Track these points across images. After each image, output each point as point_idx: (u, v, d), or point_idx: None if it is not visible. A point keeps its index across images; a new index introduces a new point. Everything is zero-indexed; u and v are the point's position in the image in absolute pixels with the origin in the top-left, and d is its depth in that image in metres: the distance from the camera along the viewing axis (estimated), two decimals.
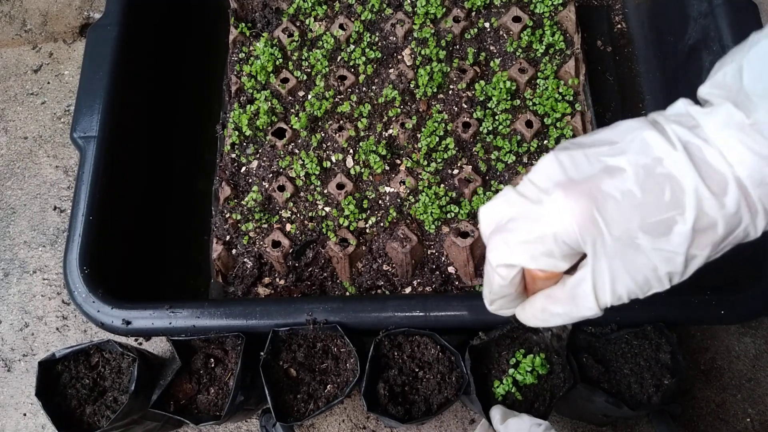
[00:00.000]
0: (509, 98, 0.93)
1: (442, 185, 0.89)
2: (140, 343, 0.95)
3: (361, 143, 0.92)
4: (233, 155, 0.93)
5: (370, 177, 0.91)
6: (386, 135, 0.93)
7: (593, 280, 0.39)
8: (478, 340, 0.73)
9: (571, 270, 0.42)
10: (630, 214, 0.37)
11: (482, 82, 0.95)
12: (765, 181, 0.37)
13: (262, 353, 0.74)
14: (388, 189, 0.90)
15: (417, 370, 0.74)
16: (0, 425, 0.95)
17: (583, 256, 0.40)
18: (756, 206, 0.38)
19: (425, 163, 0.91)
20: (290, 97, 0.97)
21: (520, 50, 0.97)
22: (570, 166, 0.40)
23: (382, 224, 0.88)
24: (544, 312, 0.44)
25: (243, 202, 0.91)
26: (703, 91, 0.41)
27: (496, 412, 0.67)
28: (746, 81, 0.38)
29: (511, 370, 0.72)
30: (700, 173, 0.37)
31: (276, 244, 0.88)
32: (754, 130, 0.36)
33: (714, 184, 0.37)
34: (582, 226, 0.37)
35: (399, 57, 0.97)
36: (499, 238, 0.42)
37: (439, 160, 0.91)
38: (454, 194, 0.89)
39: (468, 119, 0.92)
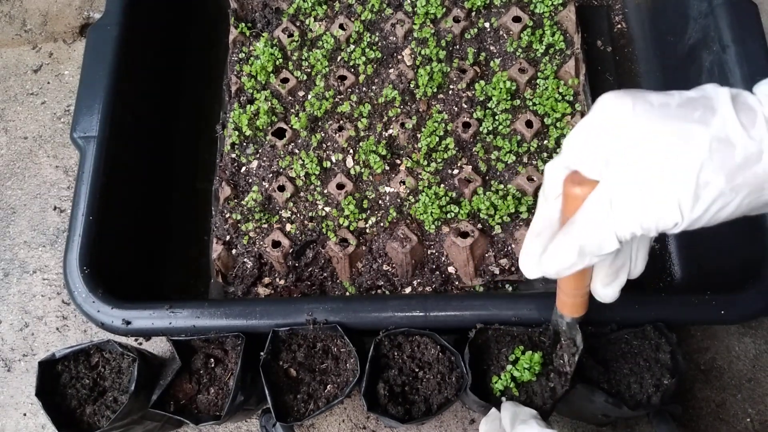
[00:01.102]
0: (509, 98, 0.93)
1: (442, 185, 0.89)
2: (140, 343, 0.95)
3: (361, 143, 0.92)
4: (233, 155, 0.93)
5: (370, 177, 0.91)
6: (386, 135, 0.93)
7: (610, 184, 0.42)
8: (474, 332, 0.73)
9: None
10: (658, 117, 0.41)
11: (482, 82, 0.95)
12: None
13: (262, 353, 0.74)
14: (388, 189, 0.90)
15: (417, 370, 0.74)
16: (0, 425, 0.95)
17: None
18: None
19: (425, 163, 0.91)
20: (290, 97, 0.97)
21: (520, 50, 0.97)
22: (631, 88, 0.44)
23: (382, 224, 0.88)
24: (565, 238, 0.46)
25: (243, 202, 0.91)
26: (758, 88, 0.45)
27: (506, 412, 0.66)
28: None
29: (509, 367, 0.72)
30: (735, 106, 0.40)
31: (276, 244, 0.88)
32: None
33: (745, 117, 0.40)
34: (616, 116, 0.42)
35: (399, 57, 0.97)
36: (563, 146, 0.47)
37: (439, 160, 0.91)
38: (454, 194, 0.89)
39: (468, 119, 0.92)
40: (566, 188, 0.47)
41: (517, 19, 0.97)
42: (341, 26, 0.99)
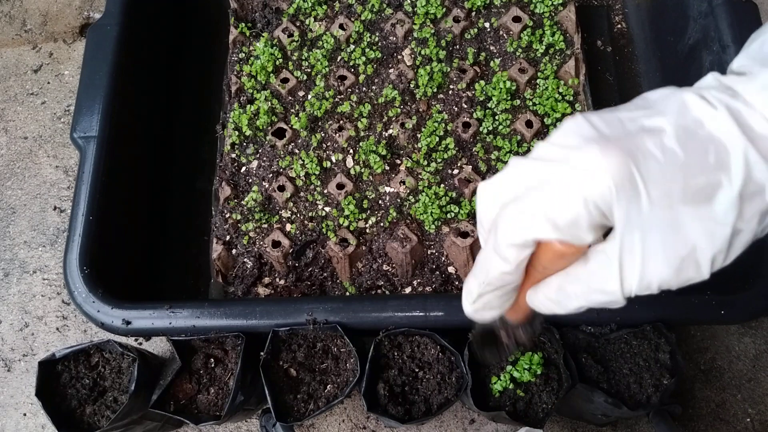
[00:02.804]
0: (509, 98, 0.93)
1: (442, 185, 0.89)
2: (140, 343, 0.95)
3: (361, 143, 0.92)
4: (233, 155, 0.93)
5: (370, 177, 0.91)
6: (386, 135, 0.93)
7: (620, 256, 0.34)
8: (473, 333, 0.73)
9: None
10: (672, 175, 0.33)
11: (482, 82, 0.95)
12: None
13: (262, 353, 0.74)
14: (388, 189, 0.90)
15: (417, 370, 0.75)
16: (0, 425, 0.95)
17: (608, 233, 0.35)
18: None
19: (425, 163, 0.91)
20: (290, 97, 0.97)
21: (520, 50, 0.97)
22: (603, 125, 0.35)
23: (382, 224, 0.88)
24: (559, 292, 0.38)
25: (243, 202, 0.91)
26: (736, 63, 0.39)
27: None
28: None
29: (509, 367, 0.72)
30: (745, 133, 0.34)
31: (276, 244, 0.88)
32: None
33: (761, 147, 0.34)
34: (619, 185, 0.32)
35: (399, 57, 0.97)
36: (510, 211, 0.36)
37: (439, 160, 0.91)
38: (454, 194, 0.89)
39: (468, 119, 0.92)
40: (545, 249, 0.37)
41: (517, 19, 0.97)
42: (341, 26, 0.99)
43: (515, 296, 0.41)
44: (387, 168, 0.91)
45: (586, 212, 0.33)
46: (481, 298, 0.40)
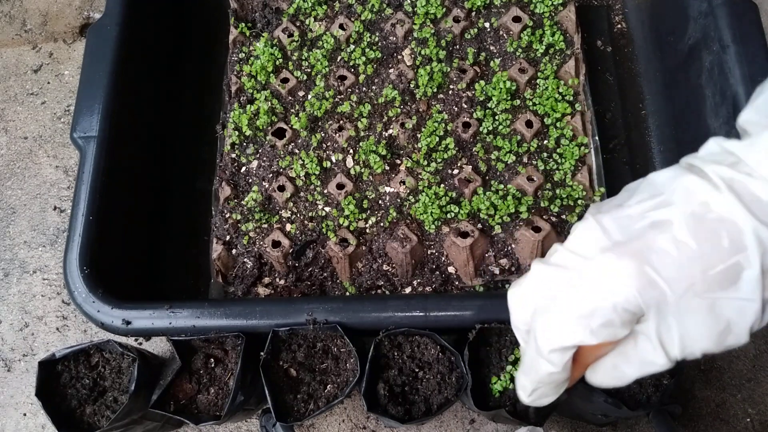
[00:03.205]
0: (509, 98, 0.93)
1: (442, 185, 0.89)
2: (140, 343, 0.95)
3: (361, 143, 0.92)
4: (233, 155, 0.93)
5: (370, 177, 0.91)
6: (386, 135, 0.93)
7: (659, 338, 0.37)
8: (474, 334, 0.73)
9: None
10: (690, 268, 0.35)
11: (482, 82, 0.95)
12: None
13: (262, 353, 0.74)
14: (388, 189, 0.90)
15: (417, 370, 0.75)
16: (0, 425, 0.95)
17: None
18: None
19: (425, 163, 0.91)
20: (290, 97, 0.97)
21: (520, 50, 0.97)
22: (614, 228, 0.37)
23: (382, 224, 0.88)
24: (615, 370, 0.42)
25: (243, 202, 0.91)
26: (741, 118, 0.40)
27: None
28: None
29: (509, 367, 0.72)
30: (752, 210, 0.34)
31: (276, 244, 0.88)
32: None
33: None
34: (642, 290, 0.35)
35: (399, 57, 0.97)
36: (546, 320, 0.39)
37: (439, 160, 0.91)
38: (454, 194, 0.89)
39: (468, 119, 0.92)
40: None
41: (517, 19, 0.97)
42: (341, 26, 0.99)
43: (567, 383, 0.44)
44: (387, 168, 0.91)
45: (617, 316, 0.36)
46: (536, 392, 0.44)
